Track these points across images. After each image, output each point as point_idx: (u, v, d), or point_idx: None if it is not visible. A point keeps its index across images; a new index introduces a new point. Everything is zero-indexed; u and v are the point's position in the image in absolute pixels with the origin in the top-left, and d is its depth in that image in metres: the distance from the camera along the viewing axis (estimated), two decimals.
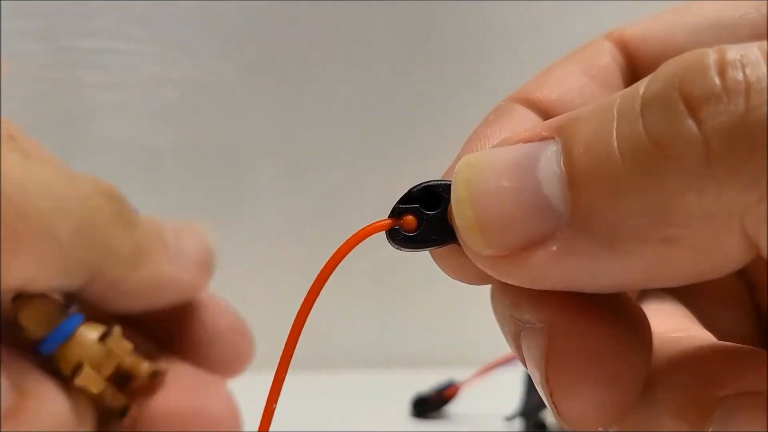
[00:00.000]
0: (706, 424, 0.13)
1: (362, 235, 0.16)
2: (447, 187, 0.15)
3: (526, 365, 0.15)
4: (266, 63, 0.56)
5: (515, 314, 0.15)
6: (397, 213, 0.16)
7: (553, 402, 0.14)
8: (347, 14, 0.56)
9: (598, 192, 0.13)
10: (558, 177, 0.13)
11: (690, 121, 0.12)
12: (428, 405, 0.49)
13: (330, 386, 0.55)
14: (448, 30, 0.57)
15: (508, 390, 0.46)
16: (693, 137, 0.12)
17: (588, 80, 0.19)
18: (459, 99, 0.56)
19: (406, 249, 0.16)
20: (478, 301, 0.20)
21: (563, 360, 0.14)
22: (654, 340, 0.15)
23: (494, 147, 0.15)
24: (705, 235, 0.12)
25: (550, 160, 0.13)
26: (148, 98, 0.56)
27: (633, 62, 0.19)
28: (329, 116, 0.58)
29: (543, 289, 0.14)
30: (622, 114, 0.13)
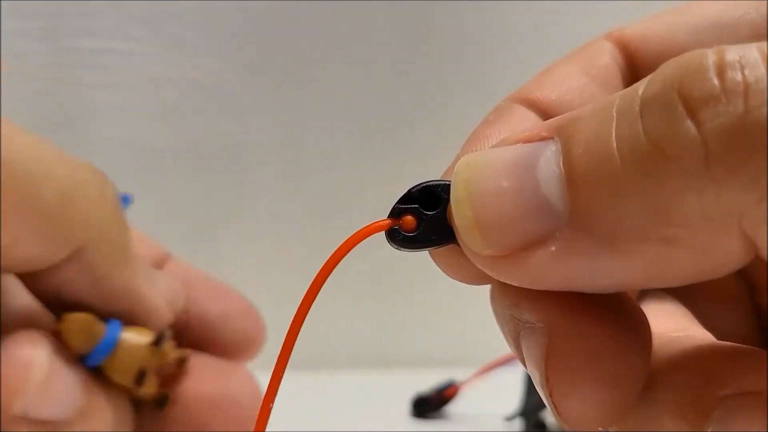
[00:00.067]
0: (706, 424, 0.13)
1: (362, 235, 0.16)
2: (446, 187, 0.15)
3: (526, 365, 0.15)
4: (266, 63, 0.56)
5: (515, 314, 0.15)
6: (397, 213, 0.16)
7: (553, 402, 0.14)
8: (347, 14, 0.56)
9: (598, 192, 0.13)
10: (557, 177, 0.13)
11: (689, 122, 0.12)
12: (428, 405, 0.49)
13: (330, 386, 0.55)
14: (448, 30, 0.57)
15: (508, 390, 0.46)
16: (692, 138, 0.12)
17: (588, 80, 0.19)
18: (459, 99, 0.56)
19: (406, 249, 0.16)
20: (478, 301, 0.20)
21: (563, 360, 0.14)
22: (654, 340, 0.15)
23: (494, 147, 0.15)
24: (705, 236, 0.12)
25: (550, 160, 0.13)
26: (148, 98, 0.56)
27: (633, 62, 0.19)
28: (329, 116, 0.58)
29: (543, 289, 0.14)
30: (622, 114, 0.13)
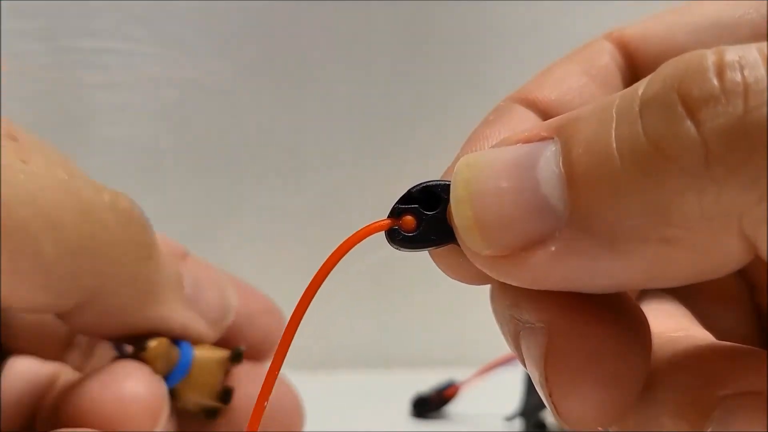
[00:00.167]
0: (706, 424, 0.13)
1: (361, 235, 0.16)
2: (446, 187, 0.15)
3: (526, 365, 0.15)
4: (266, 63, 0.56)
5: (515, 314, 0.15)
6: (397, 213, 0.16)
7: (553, 402, 0.14)
8: (347, 14, 0.56)
9: (598, 192, 0.13)
10: (557, 177, 0.13)
11: (689, 123, 0.12)
12: (428, 405, 0.49)
13: (330, 386, 0.55)
14: (448, 30, 0.57)
15: (508, 390, 0.46)
16: (692, 138, 0.12)
17: (588, 80, 0.19)
18: (459, 99, 0.56)
19: (406, 249, 0.16)
20: (478, 301, 0.20)
21: (563, 360, 0.14)
22: (654, 340, 0.15)
23: (493, 147, 0.15)
24: (704, 236, 0.12)
25: (550, 161, 0.13)
26: (148, 98, 0.56)
27: (633, 62, 0.19)
28: (329, 116, 0.58)
29: (543, 289, 0.14)
30: (621, 115, 0.13)
